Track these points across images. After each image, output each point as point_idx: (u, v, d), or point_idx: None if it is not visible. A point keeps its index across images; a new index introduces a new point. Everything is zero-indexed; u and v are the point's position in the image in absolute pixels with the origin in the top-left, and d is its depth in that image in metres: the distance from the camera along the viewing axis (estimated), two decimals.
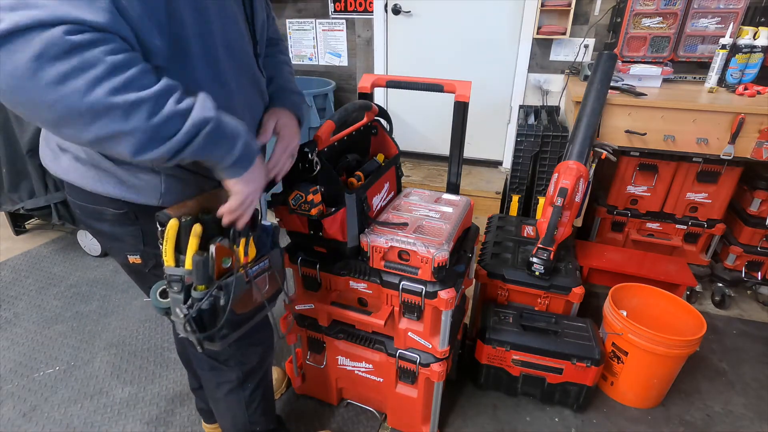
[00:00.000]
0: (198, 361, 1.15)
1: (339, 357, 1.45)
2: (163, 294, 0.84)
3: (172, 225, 0.78)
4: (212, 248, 0.79)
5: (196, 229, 0.79)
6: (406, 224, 1.25)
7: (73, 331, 1.97)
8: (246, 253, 0.85)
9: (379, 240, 1.19)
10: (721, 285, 2.13)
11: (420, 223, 1.29)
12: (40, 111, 0.59)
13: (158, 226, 0.80)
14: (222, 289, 0.80)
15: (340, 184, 1.15)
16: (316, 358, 1.50)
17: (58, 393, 1.67)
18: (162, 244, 0.79)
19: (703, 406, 1.63)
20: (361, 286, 1.29)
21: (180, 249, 0.80)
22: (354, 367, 1.45)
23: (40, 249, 2.61)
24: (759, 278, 2.11)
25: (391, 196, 1.45)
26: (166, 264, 0.79)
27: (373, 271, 1.24)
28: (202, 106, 0.70)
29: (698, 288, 2.09)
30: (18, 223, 2.74)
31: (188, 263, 0.78)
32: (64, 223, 2.38)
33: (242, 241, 0.84)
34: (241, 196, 0.81)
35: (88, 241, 2.49)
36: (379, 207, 1.35)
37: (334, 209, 1.14)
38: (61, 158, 0.86)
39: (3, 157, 2.26)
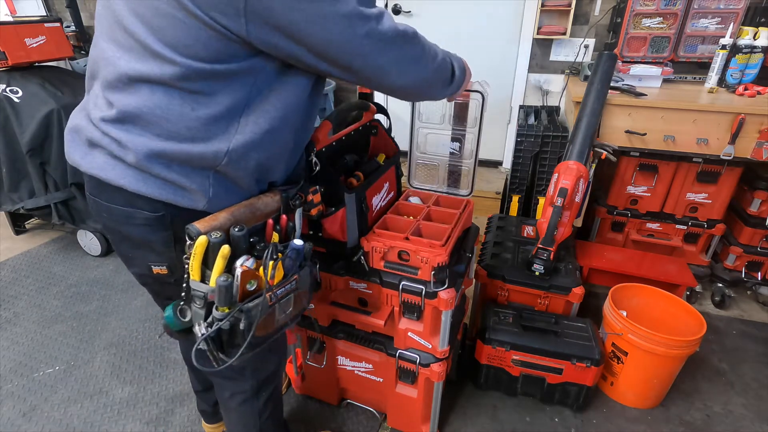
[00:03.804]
0: (211, 371, 1.13)
1: (339, 357, 1.45)
2: (182, 312, 0.82)
3: (201, 242, 0.76)
4: (238, 272, 0.77)
5: (224, 251, 0.76)
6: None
7: (73, 331, 1.97)
8: (272, 276, 0.82)
9: (379, 240, 1.19)
10: (721, 285, 2.13)
11: (420, 223, 1.29)
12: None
13: (187, 239, 0.79)
14: (244, 312, 0.78)
15: (340, 184, 1.15)
16: (316, 358, 1.50)
17: (58, 393, 1.67)
18: (189, 258, 0.78)
19: (703, 406, 1.63)
20: (361, 286, 1.29)
21: (207, 264, 0.78)
22: (354, 367, 1.45)
23: (40, 249, 2.61)
24: (759, 278, 2.11)
25: (390, 196, 1.45)
26: (191, 278, 0.78)
27: (373, 271, 1.24)
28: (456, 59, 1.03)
29: (698, 288, 2.08)
30: (18, 223, 2.74)
31: (213, 282, 0.76)
32: (64, 223, 2.38)
33: (270, 264, 0.81)
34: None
35: (88, 241, 2.49)
36: (378, 207, 1.35)
37: (333, 209, 1.14)
38: (93, 154, 0.83)
39: (3, 157, 2.26)
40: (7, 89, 2.18)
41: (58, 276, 2.36)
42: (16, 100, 2.18)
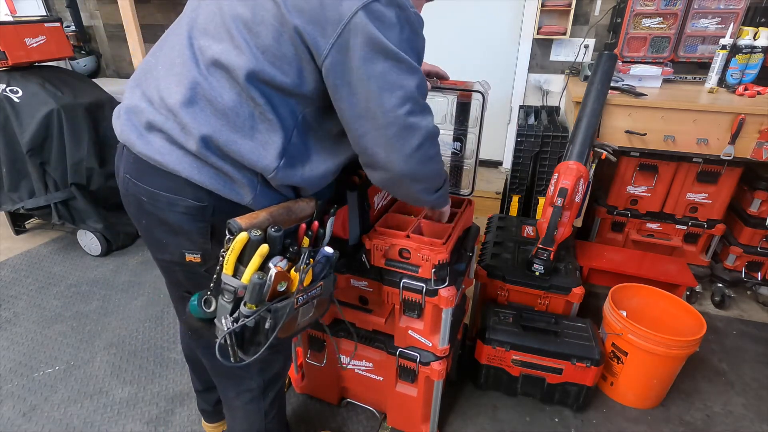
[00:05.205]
0: (216, 368, 1.11)
1: (339, 355, 1.45)
2: (207, 303, 0.83)
3: (241, 238, 0.78)
4: (273, 271, 0.78)
5: (263, 249, 0.78)
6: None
7: (73, 330, 1.97)
8: (302, 280, 0.84)
9: (380, 238, 1.19)
10: (721, 285, 2.13)
11: (421, 221, 1.29)
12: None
13: (227, 233, 0.80)
14: (271, 312, 0.79)
15: (342, 182, 1.15)
16: (316, 357, 1.50)
17: (57, 393, 1.67)
18: (226, 252, 0.79)
19: (702, 406, 1.63)
20: (362, 284, 1.29)
21: (242, 260, 0.79)
22: (354, 365, 1.45)
23: (40, 249, 2.61)
24: (759, 278, 2.11)
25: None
26: (224, 272, 0.79)
27: (374, 269, 1.24)
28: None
29: (698, 288, 2.09)
30: (18, 222, 2.74)
31: (246, 278, 0.77)
32: (64, 222, 2.38)
33: (302, 267, 0.83)
34: (442, 216, 1.27)
35: (88, 241, 2.49)
36: (380, 205, 1.35)
37: (335, 207, 1.14)
38: (149, 137, 0.83)
39: (3, 157, 2.26)
40: (7, 89, 2.18)
41: (58, 276, 2.36)
42: (16, 100, 2.18)
